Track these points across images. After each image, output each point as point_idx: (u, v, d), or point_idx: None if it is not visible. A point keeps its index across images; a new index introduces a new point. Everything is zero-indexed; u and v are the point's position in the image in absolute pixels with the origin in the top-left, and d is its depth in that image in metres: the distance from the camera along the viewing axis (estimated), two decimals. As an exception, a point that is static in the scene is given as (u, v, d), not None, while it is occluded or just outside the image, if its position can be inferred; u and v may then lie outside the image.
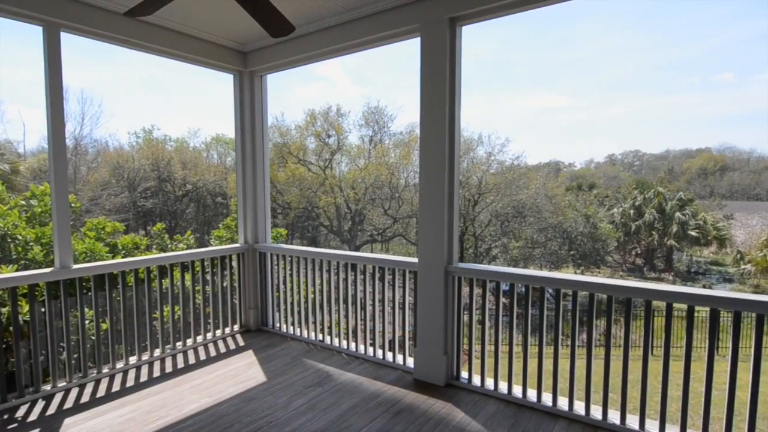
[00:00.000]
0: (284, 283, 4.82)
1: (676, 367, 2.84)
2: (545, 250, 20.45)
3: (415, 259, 3.76)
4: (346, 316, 4.29)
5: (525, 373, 3.32)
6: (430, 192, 3.55)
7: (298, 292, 4.68)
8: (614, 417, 2.98)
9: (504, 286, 3.51)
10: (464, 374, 3.65)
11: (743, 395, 2.66)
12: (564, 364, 3.15)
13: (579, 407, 3.11)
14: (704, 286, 21.09)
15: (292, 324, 4.77)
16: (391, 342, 4.00)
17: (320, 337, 4.55)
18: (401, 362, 3.96)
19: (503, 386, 3.43)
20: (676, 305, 2.83)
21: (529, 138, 47.10)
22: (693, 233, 22.80)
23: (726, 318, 8.05)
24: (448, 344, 3.61)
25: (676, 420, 2.84)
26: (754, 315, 2.57)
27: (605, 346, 2.99)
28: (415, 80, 3.56)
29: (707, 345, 2.69)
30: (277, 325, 4.95)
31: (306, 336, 4.65)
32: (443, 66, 3.43)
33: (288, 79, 44.16)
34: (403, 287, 3.91)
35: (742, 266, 20.87)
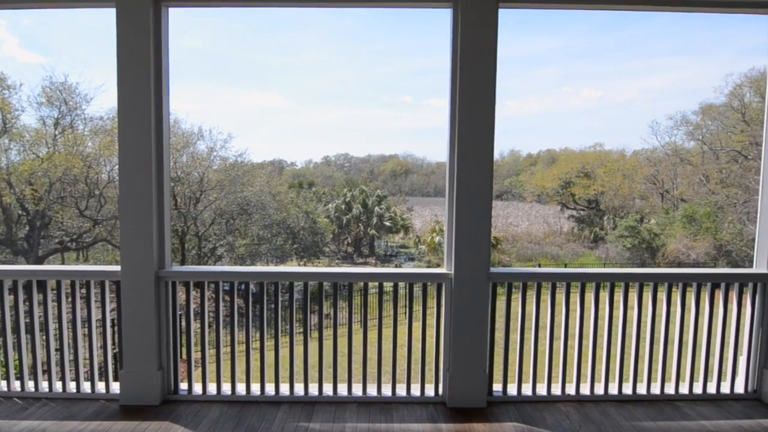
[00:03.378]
0: None
1: (373, 335, 3.42)
2: (271, 246, 21.12)
3: (118, 267, 3.23)
4: (19, 350, 3.31)
5: (248, 370, 3.33)
6: (133, 188, 3.10)
7: (-71, 330, 3.31)
8: (328, 389, 3.33)
9: (225, 286, 3.43)
10: (184, 386, 3.37)
11: (418, 346, 3.43)
12: (285, 353, 3.33)
13: (299, 389, 3.34)
14: (396, 266, 26.25)
15: None
16: (88, 372, 3.31)
17: (-26, 384, 3.36)
18: (104, 391, 3.34)
19: (227, 388, 3.35)
20: (371, 283, 3.40)
21: (253, 136, 47.42)
22: (387, 223, 28.11)
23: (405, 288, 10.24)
24: (163, 358, 3.26)
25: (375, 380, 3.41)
26: (422, 284, 3.36)
27: (318, 329, 3.31)
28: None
29: (393, 313, 3.35)
30: None
31: (-53, 388, 3.35)
32: (146, 47, 3.04)
33: None
34: (102, 302, 3.29)
35: (420, 247, 27.05)
